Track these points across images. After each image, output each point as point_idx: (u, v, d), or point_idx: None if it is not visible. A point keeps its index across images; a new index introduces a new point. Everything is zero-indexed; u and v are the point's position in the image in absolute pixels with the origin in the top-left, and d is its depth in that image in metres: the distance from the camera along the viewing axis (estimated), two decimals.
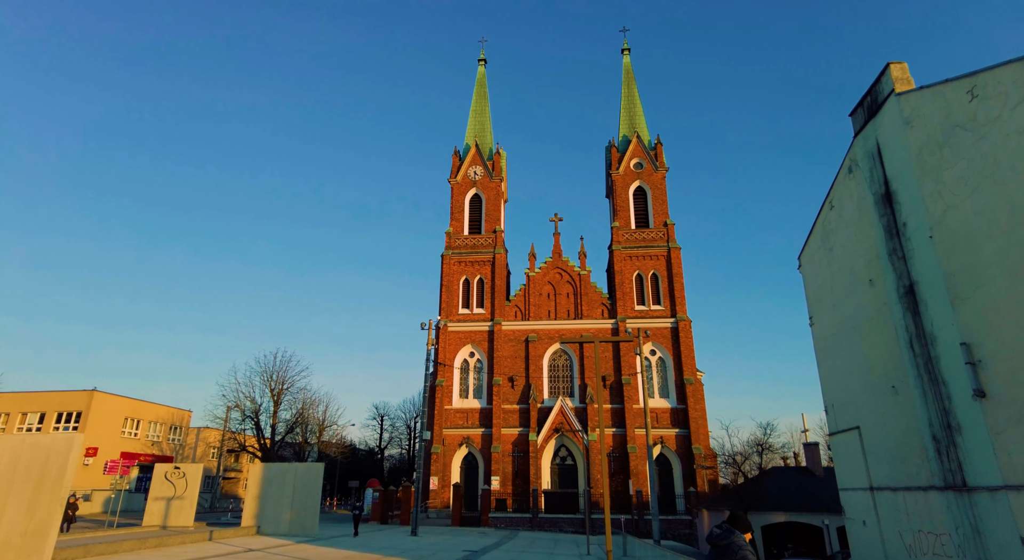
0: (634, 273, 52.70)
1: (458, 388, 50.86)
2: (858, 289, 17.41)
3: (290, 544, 22.32)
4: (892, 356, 15.59)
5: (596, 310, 52.08)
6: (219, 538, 23.32)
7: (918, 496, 14.60)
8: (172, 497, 27.17)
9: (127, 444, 48.74)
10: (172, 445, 55.28)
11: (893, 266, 15.29)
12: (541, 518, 41.02)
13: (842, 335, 18.68)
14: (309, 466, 27.85)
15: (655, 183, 55.75)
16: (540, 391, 49.73)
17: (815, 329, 20.80)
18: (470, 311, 52.96)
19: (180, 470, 27.85)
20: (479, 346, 51.80)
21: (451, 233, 55.46)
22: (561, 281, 53.94)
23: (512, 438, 48.15)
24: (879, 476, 16.56)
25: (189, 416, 57.85)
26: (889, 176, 15.39)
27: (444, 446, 48.07)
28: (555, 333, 51.52)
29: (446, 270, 54.06)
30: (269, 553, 19.20)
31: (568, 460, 48.39)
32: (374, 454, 75.83)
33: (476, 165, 57.85)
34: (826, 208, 19.64)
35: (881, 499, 16.41)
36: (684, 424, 47.38)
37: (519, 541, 29.20)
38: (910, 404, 14.79)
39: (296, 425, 46.86)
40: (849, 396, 18.30)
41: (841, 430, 18.78)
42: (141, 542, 19.07)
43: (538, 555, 22.40)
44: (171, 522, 26.73)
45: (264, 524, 26.42)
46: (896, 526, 15.63)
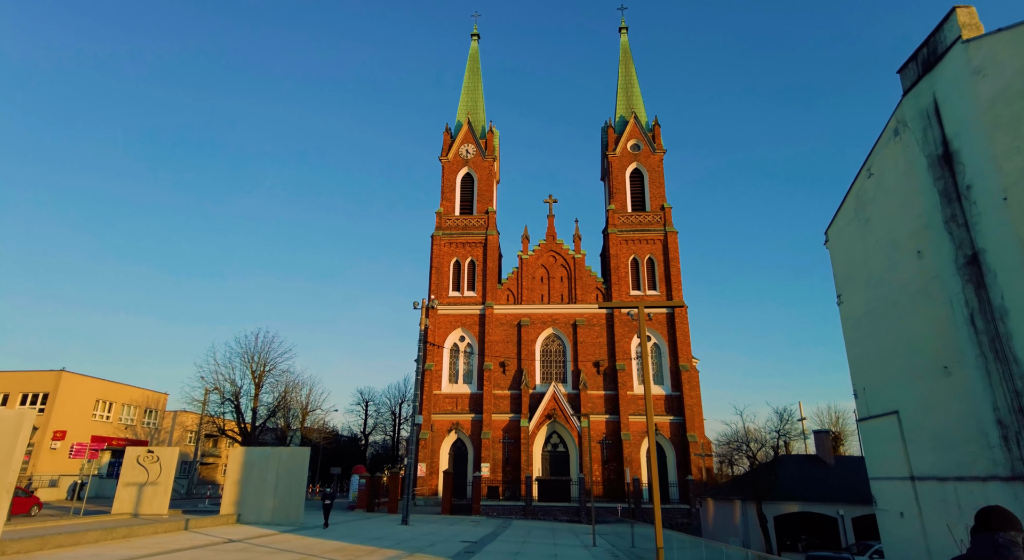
0: (630, 257, 51.33)
1: (447, 373, 49.23)
2: (902, 262, 16.03)
3: (275, 534, 20.60)
4: (944, 334, 14.25)
5: (590, 295, 50.68)
6: (196, 527, 21.48)
7: (974, 487, 13.32)
8: (145, 483, 25.22)
9: (98, 427, 46.33)
10: (147, 429, 52.90)
11: (951, 234, 13.90)
12: (534, 506, 39.76)
13: (878, 313, 17.33)
14: (294, 451, 26.06)
15: (652, 165, 54.29)
16: (532, 377, 48.31)
17: (844, 308, 19.44)
18: (461, 294, 51.21)
19: (153, 454, 25.88)
20: (470, 330, 50.15)
21: (442, 213, 53.50)
22: (555, 265, 52.39)
23: (503, 424, 46.73)
24: (922, 465, 15.27)
25: (165, 399, 55.44)
26: (949, 135, 13.95)
27: (433, 432, 46.50)
28: (548, 318, 50.05)
29: (436, 251, 52.16)
30: (252, 544, 17.46)
31: (560, 447, 47.15)
32: (358, 440, 74.04)
33: (468, 143, 55.82)
34: (862, 177, 18.21)
35: (925, 490, 15.14)
36: (679, 412, 46.40)
37: (515, 530, 27.83)
38: (967, 386, 13.46)
39: (278, 409, 44.84)
40: (885, 379, 16.99)
41: (874, 415, 17.50)
42: (107, 532, 17.19)
43: (541, 546, 20.99)
44: (143, 510, 24.81)
45: (245, 512, 24.61)
46: (944, 519, 14.35)
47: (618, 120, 57.33)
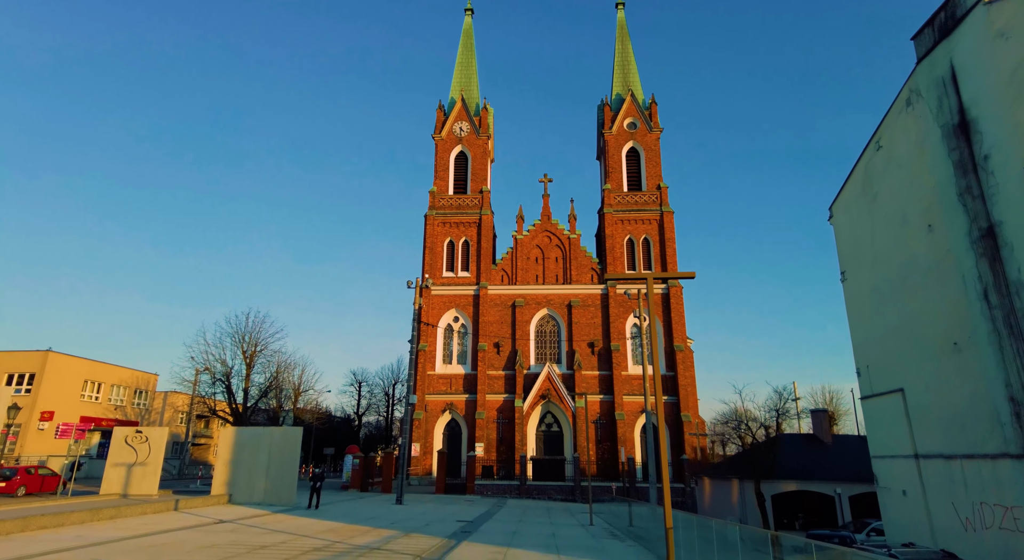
0: (625, 237, 50.80)
1: (441, 353, 48.82)
2: (911, 238, 15.62)
3: (266, 514, 20.23)
4: (955, 310, 13.90)
5: (585, 275, 50.20)
6: (186, 508, 21.09)
7: (983, 465, 13.08)
8: (134, 463, 24.73)
9: (87, 408, 45.69)
10: (137, 410, 52.29)
11: (965, 207, 13.46)
12: (529, 486, 39.71)
13: (884, 291, 16.97)
14: (286, 431, 25.63)
15: (649, 144, 53.49)
16: (526, 357, 47.99)
17: (848, 286, 19.10)
18: (454, 274, 50.59)
19: (142, 434, 25.34)
20: (463, 310, 49.63)
21: (435, 192, 52.58)
22: (550, 245, 51.79)
23: (497, 404, 46.51)
24: (927, 443, 15.05)
25: (155, 380, 54.76)
26: (966, 103, 13.43)
27: (426, 412, 46.23)
28: (543, 298, 49.60)
29: (429, 231, 51.36)
30: (243, 525, 17.06)
31: (554, 427, 47.07)
32: (351, 421, 73.86)
33: (462, 121, 54.72)
34: (870, 150, 17.72)
35: (929, 467, 14.93)
36: (673, 392, 46.33)
37: (510, 510, 27.67)
38: (978, 363, 13.15)
39: (270, 389, 44.37)
40: (890, 357, 16.70)
41: (878, 394, 17.24)
42: (94, 513, 16.72)
43: (538, 525, 20.76)
44: (133, 490, 24.35)
45: (236, 493, 24.23)
46: (949, 497, 14.17)
47: (614, 98, 56.35)
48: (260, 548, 12.86)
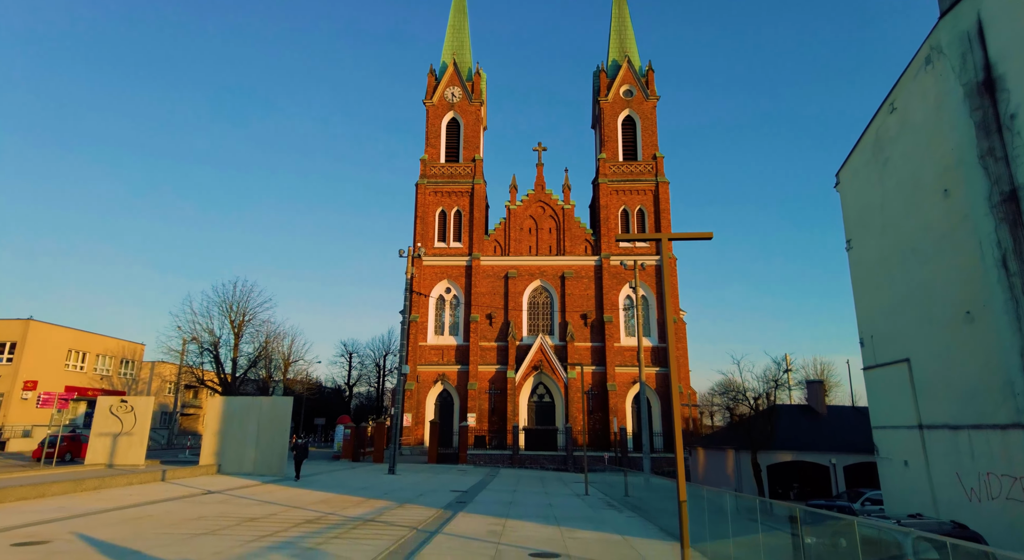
0: (620, 208, 50.14)
1: (433, 324, 48.34)
2: (924, 204, 15.09)
3: (256, 485, 19.82)
4: (969, 278, 13.46)
5: (579, 246, 49.61)
6: (174, 478, 20.63)
7: (991, 435, 12.82)
8: (119, 433, 24.17)
9: (72, 378, 44.93)
10: (124, 380, 51.59)
11: (986, 170, 12.90)
12: (521, 455, 39.81)
13: (893, 259, 16.51)
14: (276, 400, 25.12)
15: (645, 113, 52.38)
16: (519, 328, 47.64)
17: (854, 255, 18.63)
18: (446, 245, 49.80)
19: (127, 403, 24.74)
20: (456, 282, 49.01)
21: (426, 160, 51.36)
22: (543, 215, 50.99)
23: (489, 375, 46.33)
24: (933, 413, 14.78)
25: (142, 349, 53.96)
26: (993, 59, 12.74)
27: (418, 383, 45.98)
28: (536, 269, 49.04)
29: (421, 200, 50.33)
30: (232, 495, 16.63)
31: (546, 397, 47.09)
32: (342, 392, 73.70)
33: (454, 86, 53.15)
34: (883, 113, 17.04)
35: (934, 438, 14.70)
36: (665, 363, 46.36)
37: (503, 479, 27.56)
38: (992, 332, 12.78)
39: (259, 359, 43.77)
40: (897, 327, 16.34)
41: (882, 364, 16.93)
42: (77, 483, 16.18)
43: (533, 495, 20.55)
44: (119, 460, 23.85)
45: (226, 463, 23.81)
46: (953, 467, 13.96)
47: (611, 64, 54.92)
48: (250, 520, 12.41)
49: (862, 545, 8.98)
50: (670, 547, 10.51)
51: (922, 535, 9.76)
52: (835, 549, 9.23)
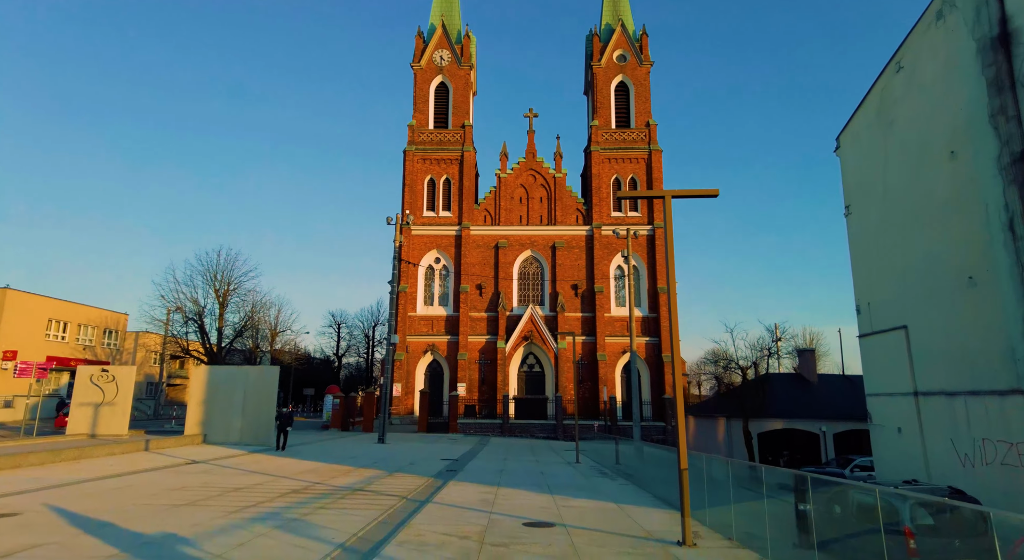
0: (612, 177, 49.42)
1: (423, 295, 47.84)
2: (929, 167, 14.65)
3: (242, 454, 19.49)
4: (973, 242, 13.12)
5: (571, 216, 48.99)
6: (158, 448, 20.24)
7: (989, 401, 12.67)
8: (101, 403, 23.66)
9: (54, 348, 44.06)
10: (108, 350, 50.80)
11: (996, 130, 12.42)
12: (511, 424, 39.92)
13: (893, 225, 16.15)
14: (263, 369, 24.71)
15: (639, 79, 51.23)
16: (509, 299, 47.29)
17: (853, 221, 18.24)
18: (436, 214, 48.95)
19: (108, 373, 24.18)
20: (445, 252, 48.36)
21: (414, 126, 50.08)
22: (534, 184, 50.15)
23: (479, 346, 46.14)
24: (929, 380, 14.63)
25: (125, 319, 53.00)
26: (1009, 11, 12.16)
27: (408, 353, 45.70)
28: (527, 240, 48.46)
29: (409, 168, 49.21)
30: (217, 465, 16.27)
31: (536, 368, 47.11)
32: (331, 362, 73.46)
33: (443, 49, 51.52)
34: (889, 73, 16.44)
35: (929, 405, 14.57)
36: (655, 333, 46.39)
37: (494, 448, 27.51)
38: (994, 298, 12.50)
39: (245, 329, 43.19)
40: (895, 293, 16.07)
41: (878, 331, 16.72)
42: (55, 454, 15.72)
43: (524, 463, 20.43)
44: (102, 431, 23.39)
45: (212, 433, 23.45)
46: (948, 434, 13.87)
47: (604, 28, 53.45)
48: (233, 490, 12.05)
49: (868, 512, 8.84)
50: (667, 515, 10.31)
51: (921, 499, 9.61)
52: (844, 515, 9.04)
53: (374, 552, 7.18)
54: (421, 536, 8.14)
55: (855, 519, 10.09)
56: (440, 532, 8.43)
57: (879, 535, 7.12)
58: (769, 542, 7.38)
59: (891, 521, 10.28)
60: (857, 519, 10.50)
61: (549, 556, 7.16)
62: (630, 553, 7.34)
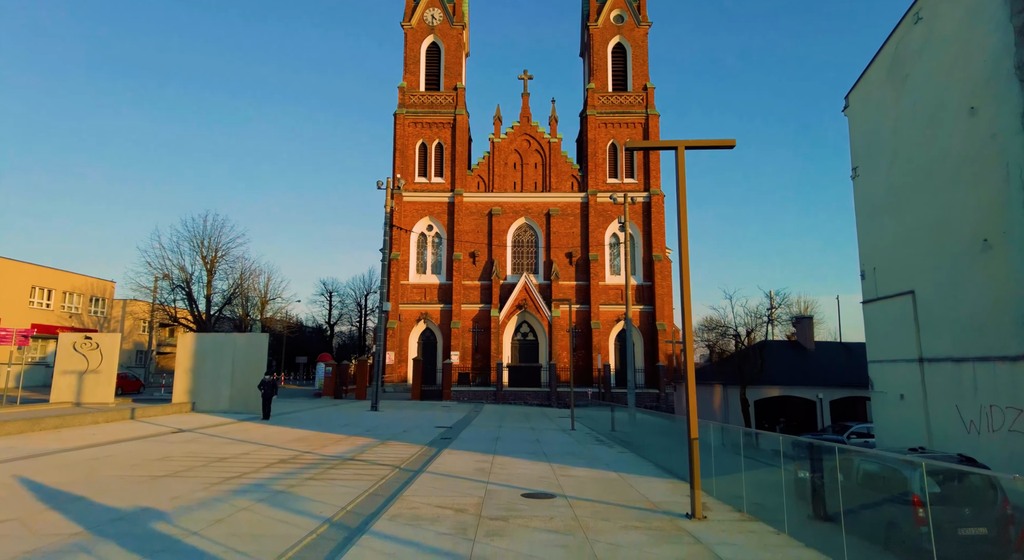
0: (608, 142, 48.31)
1: (415, 263, 47.10)
2: (946, 124, 13.99)
3: (231, 423, 19.06)
4: (990, 204, 12.59)
5: (566, 182, 48.03)
6: (144, 416, 19.76)
7: (998, 367, 12.33)
8: (85, 371, 23.07)
9: (39, 316, 43.18)
10: (95, 318, 49.98)
11: (1022, 82, 11.74)
12: (505, 392, 39.82)
13: (903, 187, 15.57)
14: (251, 337, 24.16)
15: (636, 40, 49.62)
16: (503, 267, 46.67)
17: (860, 183, 17.65)
18: (428, 180, 47.81)
19: (92, 340, 23.52)
20: (438, 219, 47.41)
21: (405, 88, 48.47)
22: (529, 150, 48.96)
23: (473, 314, 45.70)
24: (936, 346, 14.28)
25: (112, 287, 52.03)
26: None
27: (400, 322, 45.21)
28: (520, 207, 47.54)
29: (400, 132, 47.81)
30: (204, 434, 15.82)
31: (530, 336, 46.86)
32: (323, 331, 73.01)
33: (434, 7, 49.53)
34: (906, 24, 15.61)
35: (935, 371, 14.26)
36: (649, 301, 46.09)
37: (488, 415, 27.32)
38: (1010, 261, 12.03)
39: (234, 297, 42.44)
40: (902, 258, 15.61)
41: (883, 297, 16.31)
42: (34, 423, 15.19)
43: (519, 431, 20.19)
44: (87, 399, 22.87)
45: (200, 401, 23.00)
46: (953, 400, 13.59)
47: None
48: (219, 460, 11.58)
49: (883, 481, 8.55)
50: (670, 485, 9.96)
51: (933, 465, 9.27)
52: (867, 484, 8.67)
53: (364, 527, 6.72)
54: (415, 509, 7.70)
55: (872, 490, 9.76)
56: (435, 504, 8.00)
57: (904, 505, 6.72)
58: (786, 514, 6.97)
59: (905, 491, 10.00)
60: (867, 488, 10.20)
61: (552, 531, 6.74)
62: (638, 527, 6.93)
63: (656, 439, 15.62)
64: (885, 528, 8.55)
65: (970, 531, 9.19)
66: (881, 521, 8.59)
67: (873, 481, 9.02)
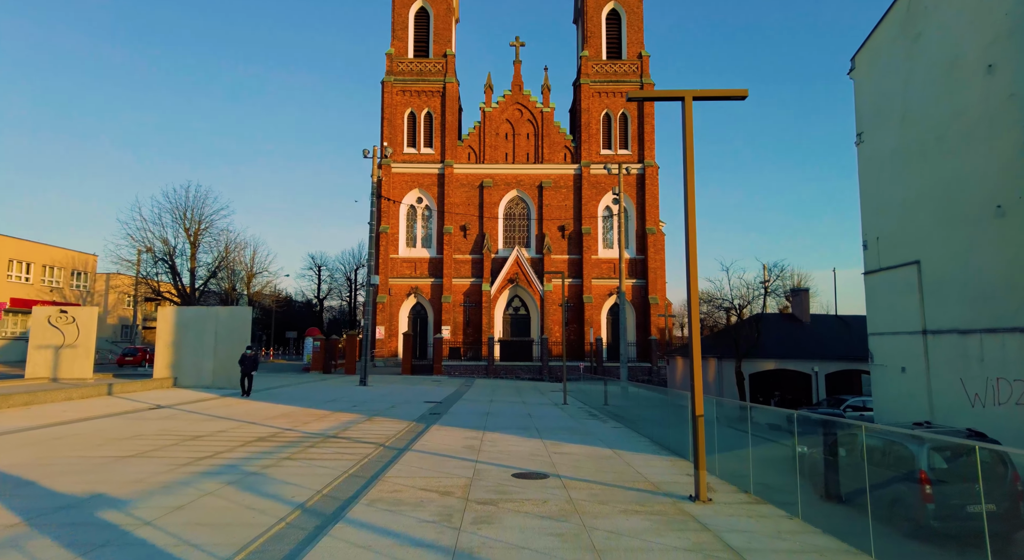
0: (602, 112, 47.16)
1: (405, 236, 46.16)
2: (961, 84, 13.25)
3: (212, 398, 18.44)
4: (1005, 167, 11.96)
5: (558, 153, 46.95)
6: (123, 392, 19.09)
7: (1008, 338, 11.86)
8: (61, 345, 22.31)
9: (17, 290, 42.07)
10: (78, 292, 48.91)
11: None
12: (496, 366, 39.45)
13: (911, 152, 14.89)
14: (233, 310, 23.40)
15: (631, 6, 48.12)
16: (494, 241, 45.87)
17: (865, 149, 16.95)
18: (417, 151, 46.56)
19: (68, 314, 22.69)
20: (427, 191, 46.33)
21: (393, 55, 46.85)
22: (521, 119, 47.70)
23: (464, 289, 45.04)
24: (941, 318, 13.80)
25: (94, 260, 50.83)
26: None
27: (391, 296, 44.50)
28: (512, 179, 46.51)
29: (388, 101, 46.33)
30: (182, 411, 15.19)
31: (522, 310, 46.36)
32: (312, 306, 72.21)
33: None
34: None
35: (939, 343, 13.80)
36: (642, 275, 45.59)
37: (479, 389, 26.89)
38: (1022, 229, 11.46)
39: (219, 270, 41.44)
40: (907, 227, 15.02)
41: (886, 267, 15.77)
42: (3, 399, 14.47)
43: (511, 406, 19.73)
44: (64, 374, 22.15)
45: (182, 376, 22.34)
46: (957, 373, 13.16)
47: None
48: (193, 438, 10.97)
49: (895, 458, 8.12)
50: (668, 463, 9.47)
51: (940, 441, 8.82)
52: (886, 462, 8.18)
53: (339, 514, 6.13)
54: (396, 492, 7.13)
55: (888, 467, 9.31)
56: (419, 486, 7.44)
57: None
58: (800, 496, 6.44)
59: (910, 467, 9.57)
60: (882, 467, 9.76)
61: (545, 516, 6.18)
62: (639, 512, 6.39)
63: (650, 413, 15.18)
64: (906, 510, 8.08)
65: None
66: (904, 503, 8.12)
67: (900, 459, 8.52)
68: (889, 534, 6.58)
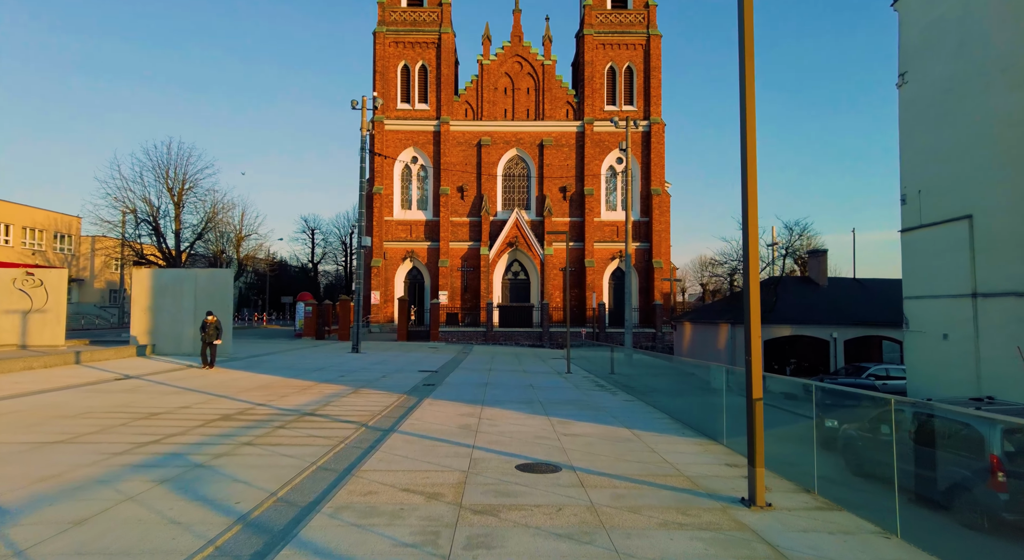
0: (606, 65, 44.56)
1: (399, 198, 44.20)
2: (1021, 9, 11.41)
3: (187, 367, 17.06)
4: None
5: (560, 110, 44.58)
6: (92, 361, 17.69)
7: None
8: (29, 310, 20.81)
9: None
10: (62, 255, 47.28)
11: None
12: (495, 332, 38.15)
13: (965, 89, 13.11)
14: (213, 272, 21.85)
15: None
16: (493, 202, 43.94)
17: (907, 90, 15.13)
18: (411, 107, 44.14)
19: (35, 277, 21.12)
20: (423, 150, 44.13)
21: (385, 3, 43.95)
22: (521, 73, 45.12)
23: (461, 252, 43.39)
24: (995, 279, 12.30)
25: (78, 223, 49.01)
26: None
27: (386, 260, 42.86)
28: (512, 137, 44.25)
29: (380, 53, 43.68)
30: (150, 381, 13.79)
31: (521, 275, 44.82)
32: (307, 270, 70.62)
33: None
34: None
35: (991, 307, 12.34)
36: (646, 238, 43.90)
37: (477, 357, 25.61)
38: None
39: (206, 232, 39.67)
40: (957, 176, 13.37)
41: (930, 223, 14.18)
42: None
43: (510, 375, 18.38)
44: (33, 341, 20.73)
45: (161, 343, 20.95)
46: (1014, 340, 11.74)
47: None
48: (147, 417, 9.56)
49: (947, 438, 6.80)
50: (698, 446, 8.10)
51: None
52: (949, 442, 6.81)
53: (289, 532, 4.66)
54: (371, 494, 5.71)
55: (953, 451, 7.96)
56: (400, 485, 6.02)
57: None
58: (898, 506, 4.94)
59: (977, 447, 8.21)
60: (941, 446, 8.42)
61: (562, 535, 4.69)
62: (683, 524, 4.93)
63: (662, 383, 13.84)
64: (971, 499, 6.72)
65: None
66: (967, 491, 6.76)
67: (968, 442, 7.14)
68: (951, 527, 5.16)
